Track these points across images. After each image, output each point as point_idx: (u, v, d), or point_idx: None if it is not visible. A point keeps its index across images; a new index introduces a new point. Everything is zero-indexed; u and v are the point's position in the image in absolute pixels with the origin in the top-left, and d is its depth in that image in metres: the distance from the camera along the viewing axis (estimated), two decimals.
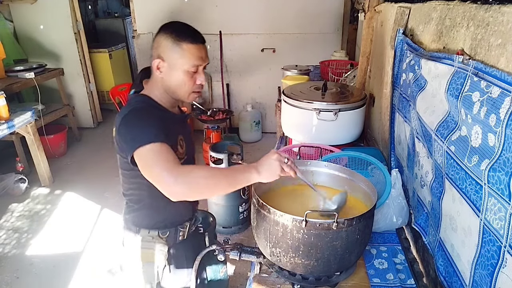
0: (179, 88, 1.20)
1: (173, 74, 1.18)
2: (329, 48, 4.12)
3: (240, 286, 2.35)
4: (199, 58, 1.17)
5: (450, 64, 1.01)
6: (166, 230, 1.34)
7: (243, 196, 2.78)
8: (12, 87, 3.59)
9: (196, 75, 1.19)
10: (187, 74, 1.17)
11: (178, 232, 1.36)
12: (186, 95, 1.22)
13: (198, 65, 1.18)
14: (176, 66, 1.17)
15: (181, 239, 1.38)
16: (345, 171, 1.27)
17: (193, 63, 1.16)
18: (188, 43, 1.15)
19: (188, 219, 1.41)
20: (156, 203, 1.29)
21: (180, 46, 1.14)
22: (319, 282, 1.11)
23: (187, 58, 1.15)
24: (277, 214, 1.00)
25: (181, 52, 1.15)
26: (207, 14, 4.33)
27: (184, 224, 1.38)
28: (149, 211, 1.32)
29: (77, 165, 4.09)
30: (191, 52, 1.15)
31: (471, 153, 0.87)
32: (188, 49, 1.15)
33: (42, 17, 4.53)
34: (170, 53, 1.16)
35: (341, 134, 1.93)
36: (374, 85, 2.27)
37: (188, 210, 1.41)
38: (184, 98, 1.24)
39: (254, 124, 4.58)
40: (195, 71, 1.18)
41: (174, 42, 1.15)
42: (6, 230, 2.99)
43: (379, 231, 1.43)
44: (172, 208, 1.32)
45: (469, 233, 0.91)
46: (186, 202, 1.34)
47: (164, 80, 1.20)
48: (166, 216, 1.34)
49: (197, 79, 1.20)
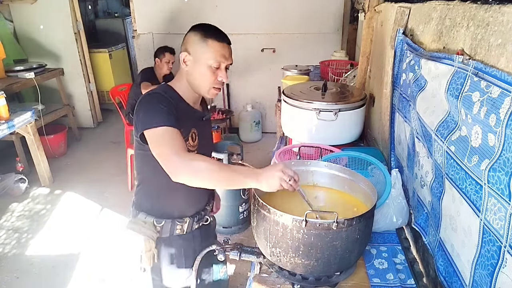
0: (201, 81, 1.27)
1: (196, 68, 1.25)
2: (329, 48, 4.12)
3: (240, 286, 2.35)
4: (222, 55, 1.24)
5: (450, 64, 1.01)
6: (162, 220, 1.35)
7: (243, 196, 2.78)
8: (12, 87, 3.59)
9: (218, 71, 1.26)
10: (210, 69, 1.24)
11: (175, 225, 1.37)
12: (206, 89, 1.28)
13: (221, 62, 1.25)
14: (201, 61, 1.24)
15: (179, 233, 1.38)
16: (345, 171, 1.27)
17: (216, 59, 1.23)
18: (214, 40, 1.23)
19: (190, 215, 1.41)
20: (157, 189, 1.35)
21: (206, 42, 1.23)
22: (319, 282, 1.11)
23: (211, 53, 1.23)
24: (277, 214, 1.00)
25: (206, 47, 1.23)
26: (207, 14, 4.33)
27: (183, 219, 1.38)
28: (150, 195, 1.38)
29: (77, 165, 4.09)
30: (216, 48, 1.23)
31: (471, 153, 0.87)
32: (213, 45, 1.23)
33: (42, 17, 4.53)
34: (197, 47, 1.24)
35: (341, 134, 1.93)
36: (374, 85, 2.27)
37: (189, 206, 1.41)
38: (205, 92, 1.30)
39: (254, 124, 4.58)
40: (217, 67, 1.25)
41: (201, 38, 1.23)
42: (6, 230, 2.99)
43: (379, 231, 1.43)
44: (172, 200, 1.37)
45: (469, 233, 0.91)
46: (190, 198, 1.39)
47: (188, 73, 1.28)
48: (164, 206, 1.37)
49: (219, 75, 1.26)
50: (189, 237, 1.41)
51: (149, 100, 1.22)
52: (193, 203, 1.43)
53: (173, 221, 1.37)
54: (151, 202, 1.38)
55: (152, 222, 1.35)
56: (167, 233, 1.37)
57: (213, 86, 1.28)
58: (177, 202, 1.38)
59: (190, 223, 1.40)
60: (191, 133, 1.31)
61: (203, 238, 1.47)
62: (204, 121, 1.41)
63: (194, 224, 1.42)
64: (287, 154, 1.85)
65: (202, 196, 1.47)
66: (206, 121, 1.44)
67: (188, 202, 1.40)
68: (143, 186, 1.39)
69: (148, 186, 1.38)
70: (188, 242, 1.41)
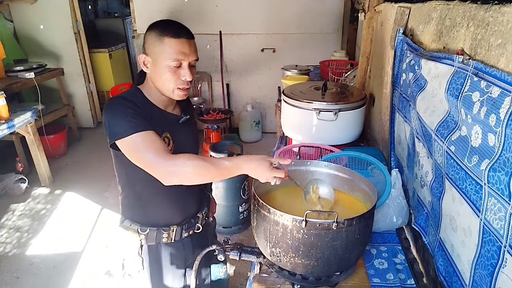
0: (163, 83, 1.18)
1: (156, 69, 1.17)
2: (329, 48, 4.12)
3: (240, 286, 2.35)
4: (180, 52, 1.14)
5: (450, 64, 1.01)
6: (146, 228, 1.31)
7: (243, 196, 2.78)
8: (12, 87, 3.59)
9: (180, 70, 1.16)
10: (170, 69, 1.15)
11: (161, 234, 1.32)
12: (170, 91, 1.19)
13: (181, 60, 1.15)
14: (159, 61, 1.15)
15: (165, 242, 1.33)
16: (345, 171, 1.27)
17: (173, 57, 1.13)
18: (169, 37, 1.13)
19: (176, 223, 1.35)
20: (139, 197, 1.31)
21: (162, 40, 1.13)
22: (319, 282, 1.11)
23: (168, 52, 1.13)
24: (277, 214, 1.00)
25: (162, 46, 1.14)
26: (207, 14, 4.33)
27: (170, 227, 1.33)
28: (132, 203, 1.33)
29: (77, 165, 4.09)
30: (172, 46, 1.13)
31: (471, 153, 0.87)
32: (169, 43, 1.13)
33: (42, 17, 4.53)
34: (153, 48, 1.15)
35: (341, 134, 1.93)
36: (374, 85, 2.27)
37: (176, 214, 1.35)
38: (169, 94, 1.21)
39: (254, 124, 4.58)
40: (177, 66, 1.15)
41: (157, 36, 1.14)
42: (8, 229, 2.99)
43: (379, 231, 1.43)
44: (156, 207, 1.32)
45: (469, 233, 0.91)
46: (176, 205, 1.34)
47: (150, 76, 1.21)
48: (148, 213, 1.32)
49: (182, 74, 1.17)
50: (178, 246, 1.36)
51: (113, 107, 1.15)
52: (180, 210, 1.36)
53: (159, 229, 1.31)
54: (134, 210, 1.33)
55: (137, 230, 1.30)
56: (152, 241, 1.32)
57: (177, 87, 1.18)
58: (161, 209, 1.32)
59: (178, 231, 1.34)
60: (163, 138, 1.21)
61: (195, 246, 1.41)
62: (180, 123, 1.31)
63: (184, 232, 1.36)
64: (287, 154, 1.85)
65: (191, 202, 1.40)
66: (184, 124, 1.32)
67: (173, 209, 1.34)
68: (125, 194, 1.33)
69: (130, 193, 1.32)
70: (177, 251, 1.37)
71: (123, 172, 1.28)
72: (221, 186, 2.68)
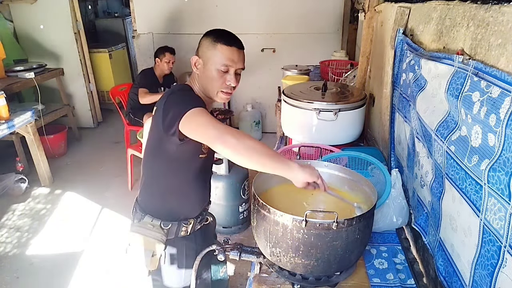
0: (209, 84, 1.28)
1: (205, 71, 1.27)
2: (329, 48, 4.12)
3: (240, 286, 2.35)
4: (230, 59, 1.24)
5: (450, 64, 1.01)
6: (168, 223, 1.36)
7: (243, 196, 2.78)
8: (12, 87, 3.59)
9: (227, 76, 1.26)
10: (218, 72, 1.25)
11: (180, 227, 1.38)
12: (214, 92, 1.29)
13: (229, 66, 1.25)
14: (209, 64, 1.26)
15: (183, 235, 1.39)
16: (345, 171, 1.27)
17: (223, 62, 1.24)
18: (222, 44, 1.24)
19: (194, 216, 1.42)
20: (165, 190, 1.36)
21: (215, 45, 1.24)
22: (319, 282, 1.11)
23: (219, 57, 1.24)
24: (277, 214, 1.00)
25: (214, 51, 1.24)
26: (207, 14, 4.33)
27: (188, 221, 1.39)
28: (157, 198, 1.38)
29: (77, 165, 4.09)
30: (223, 52, 1.24)
31: (471, 153, 0.87)
32: (221, 49, 1.24)
33: (42, 17, 4.53)
34: (206, 51, 1.26)
35: (341, 134, 1.93)
36: (374, 85, 2.27)
37: (195, 208, 1.43)
38: (213, 96, 1.30)
39: (254, 124, 4.58)
40: (225, 71, 1.25)
41: (211, 42, 1.26)
42: (8, 229, 2.99)
43: (379, 231, 1.43)
44: (179, 202, 1.38)
45: (469, 233, 0.91)
46: (197, 199, 1.40)
47: (198, 76, 1.31)
48: (171, 208, 1.37)
49: (227, 79, 1.26)
50: (191, 238, 1.42)
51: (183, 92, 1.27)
52: (199, 204, 1.44)
53: (179, 223, 1.37)
54: (157, 204, 1.38)
55: (159, 224, 1.35)
56: (172, 235, 1.37)
57: (221, 90, 1.28)
58: (184, 203, 1.39)
59: (194, 224, 1.41)
60: None
61: (203, 237, 1.47)
62: None
63: (197, 225, 1.43)
64: (287, 154, 1.85)
65: (206, 195, 1.49)
66: None
67: (194, 203, 1.41)
68: (150, 188, 1.39)
69: (156, 187, 1.37)
70: (190, 243, 1.42)
71: (163, 164, 1.31)
72: (221, 186, 2.68)
